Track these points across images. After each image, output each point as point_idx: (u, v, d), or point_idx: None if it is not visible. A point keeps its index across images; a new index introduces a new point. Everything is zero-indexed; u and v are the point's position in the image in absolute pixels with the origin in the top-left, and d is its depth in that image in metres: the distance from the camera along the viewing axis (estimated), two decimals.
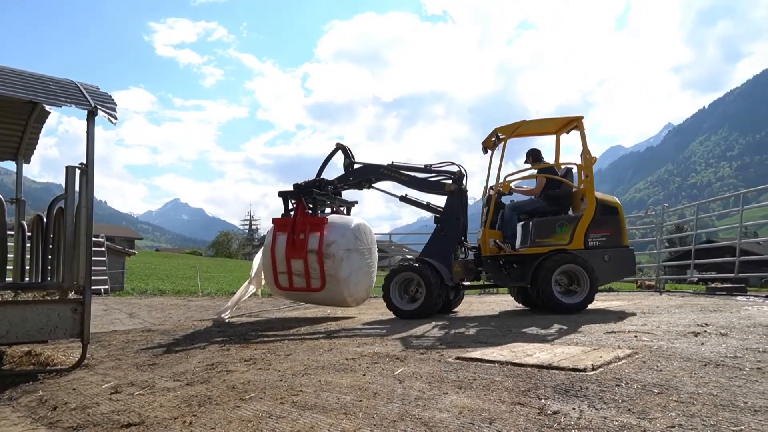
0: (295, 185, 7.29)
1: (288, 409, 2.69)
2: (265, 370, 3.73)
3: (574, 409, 2.47)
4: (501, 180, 7.26)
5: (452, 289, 7.16)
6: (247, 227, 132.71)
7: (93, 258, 4.61)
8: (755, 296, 8.88)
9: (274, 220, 7.31)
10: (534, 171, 7.54)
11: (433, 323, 6.09)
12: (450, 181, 7.21)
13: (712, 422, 2.21)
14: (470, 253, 7.49)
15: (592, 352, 3.79)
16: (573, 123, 7.41)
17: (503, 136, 7.18)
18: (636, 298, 9.14)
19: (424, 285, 6.70)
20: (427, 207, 7.47)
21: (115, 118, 4.24)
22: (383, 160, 7.38)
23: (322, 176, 7.42)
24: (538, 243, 6.87)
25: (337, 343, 4.81)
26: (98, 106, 4.24)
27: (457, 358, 3.81)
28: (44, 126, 6.04)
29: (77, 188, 4.33)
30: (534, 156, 7.58)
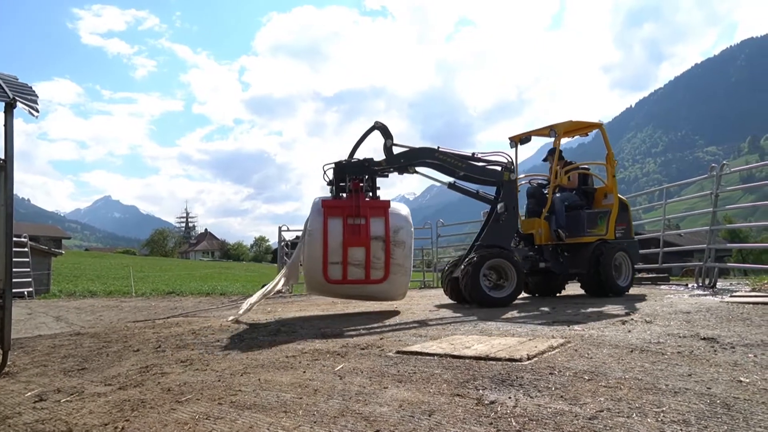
0: (338, 163, 6.53)
1: (226, 410, 2.64)
2: (202, 370, 3.63)
3: (510, 398, 2.54)
4: (552, 173, 7.83)
5: None
6: (183, 225, 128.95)
7: (14, 259, 4.34)
8: (677, 285, 9.45)
9: (324, 203, 6.34)
10: (562, 168, 8.04)
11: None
12: (505, 170, 7.23)
13: (637, 405, 2.33)
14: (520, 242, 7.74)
15: (528, 342, 3.92)
16: (592, 128, 8.37)
17: (557, 132, 7.76)
18: (569, 289, 9.51)
19: (515, 271, 6.77)
20: (476, 195, 7.42)
21: (37, 110, 4.00)
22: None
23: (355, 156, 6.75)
24: (588, 233, 7.62)
25: (277, 341, 4.75)
26: (17, 98, 3.98)
27: (398, 352, 3.84)
28: None
29: None
30: (559, 155, 8.16)
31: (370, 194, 6.57)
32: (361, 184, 6.49)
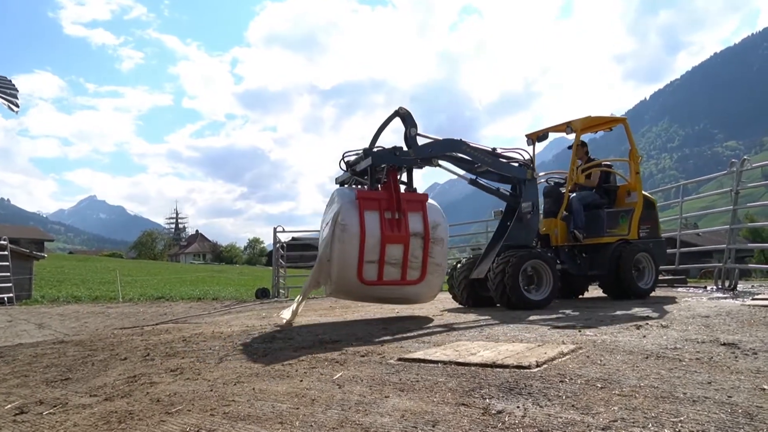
0: (367, 151, 6.31)
1: (219, 421, 2.64)
2: (193, 380, 3.63)
3: (518, 407, 2.54)
4: (569, 171, 7.87)
5: None
6: (173, 226, 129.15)
7: None
8: (695, 287, 9.44)
9: (360, 194, 6.00)
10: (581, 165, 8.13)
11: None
12: (526, 167, 7.29)
13: (653, 414, 2.33)
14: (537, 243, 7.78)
15: (537, 348, 3.91)
16: (614, 123, 8.40)
17: (573, 129, 7.84)
18: (591, 291, 9.51)
19: (551, 272, 6.81)
20: (497, 193, 7.49)
21: (17, 105, 4.01)
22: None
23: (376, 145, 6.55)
24: (608, 233, 7.66)
25: (273, 348, 4.76)
26: None
27: (399, 359, 3.84)
28: None
29: None
30: (585, 150, 8.29)
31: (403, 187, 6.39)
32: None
